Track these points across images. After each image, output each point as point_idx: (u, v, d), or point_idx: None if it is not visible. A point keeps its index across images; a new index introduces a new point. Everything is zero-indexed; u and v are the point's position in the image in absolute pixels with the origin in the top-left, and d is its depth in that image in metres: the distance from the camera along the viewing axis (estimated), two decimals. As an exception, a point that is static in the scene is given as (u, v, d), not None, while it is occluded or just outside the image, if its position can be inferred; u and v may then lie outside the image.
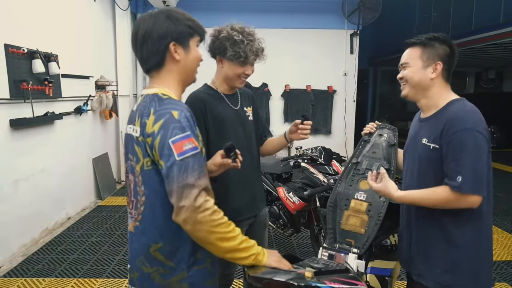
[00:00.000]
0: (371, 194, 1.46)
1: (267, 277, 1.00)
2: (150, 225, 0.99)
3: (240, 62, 1.46)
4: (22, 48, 2.86)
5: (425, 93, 1.30)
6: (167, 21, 1.01)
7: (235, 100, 1.59)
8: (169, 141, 0.90)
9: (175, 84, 1.05)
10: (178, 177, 0.89)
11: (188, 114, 0.96)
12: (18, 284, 2.50)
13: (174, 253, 0.99)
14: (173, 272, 0.99)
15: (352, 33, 5.94)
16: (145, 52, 1.01)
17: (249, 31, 1.48)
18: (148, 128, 0.93)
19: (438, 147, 1.21)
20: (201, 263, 1.02)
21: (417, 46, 1.30)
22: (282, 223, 2.96)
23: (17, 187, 2.93)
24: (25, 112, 2.94)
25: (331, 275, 1.13)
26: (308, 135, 1.57)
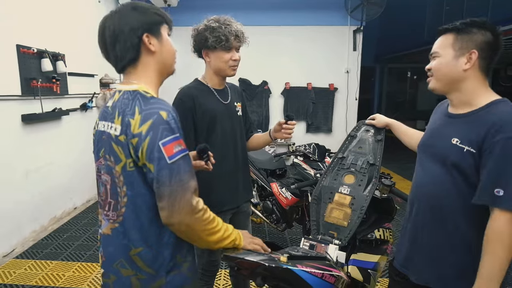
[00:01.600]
0: (355, 188, 1.49)
1: (240, 257, 1.04)
2: (131, 227, 0.95)
3: (223, 46, 1.48)
4: (32, 48, 3.03)
5: (457, 86, 1.14)
6: (135, 13, 0.96)
7: (225, 95, 1.62)
8: (159, 143, 0.87)
9: (153, 78, 1.00)
10: (170, 180, 0.87)
11: (175, 114, 0.92)
12: (29, 265, 2.72)
13: (154, 258, 0.96)
14: (153, 279, 0.96)
15: (355, 29, 5.79)
16: (118, 49, 0.95)
17: (226, 18, 1.51)
18: (134, 128, 0.88)
19: (474, 152, 1.06)
20: (178, 267, 1.00)
21: (450, 33, 1.13)
22: (275, 218, 3.02)
23: (28, 178, 3.13)
24: (35, 108, 3.13)
25: (307, 261, 1.14)
26: (291, 136, 1.60)
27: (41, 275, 2.58)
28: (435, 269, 1.19)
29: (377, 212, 1.66)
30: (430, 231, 1.21)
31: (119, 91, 0.98)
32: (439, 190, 1.16)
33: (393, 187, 1.69)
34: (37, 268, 2.68)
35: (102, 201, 1.02)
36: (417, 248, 1.25)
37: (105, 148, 0.97)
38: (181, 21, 4.22)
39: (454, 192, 1.13)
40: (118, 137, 0.92)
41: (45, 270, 2.65)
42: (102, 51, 1.01)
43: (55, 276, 2.59)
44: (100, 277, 2.56)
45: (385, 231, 1.71)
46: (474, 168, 1.07)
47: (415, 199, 1.27)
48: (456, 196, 1.13)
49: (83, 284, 2.51)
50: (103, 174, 0.99)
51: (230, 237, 1.02)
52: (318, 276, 1.09)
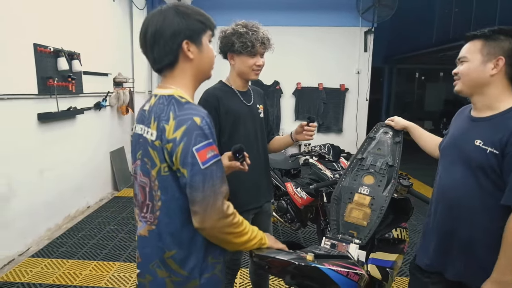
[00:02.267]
0: (374, 189, 1.51)
1: (271, 256, 1.07)
2: (165, 231, 0.96)
3: (248, 52, 1.53)
4: (49, 47, 3.05)
5: (482, 90, 1.18)
6: (178, 17, 0.95)
7: (248, 97, 1.67)
8: (193, 149, 0.87)
9: (189, 84, 1.00)
10: (203, 186, 0.88)
11: (209, 120, 0.92)
12: (45, 264, 2.72)
13: (186, 261, 0.97)
14: (186, 280, 0.98)
15: (367, 30, 5.81)
16: (156, 52, 0.96)
17: (253, 24, 1.56)
18: (169, 134, 0.89)
19: (497, 153, 1.10)
20: (210, 270, 1.00)
21: (478, 39, 1.17)
22: (290, 218, 3.02)
23: (43, 176, 3.15)
24: (51, 106, 3.15)
25: (331, 259, 1.18)
26: (313, 137, 1.63)
27: (57, 274, 2.59)
28: (464, 265, 1.23)
29: (394, 212, 1.68)
30: (459, 231, 1.23)
31: (155, 96, 0.99)
32: (464, 191, 1.19)
33: (411, 187, 1.71)
34: (54, 267, 2.69)
35: (140, 203, 1.03)
36: (443, 246, 1.28)
37: (142, 151, 0.98)
38: None
39: (479, 193, 1.16)
40: (154, 142, 0.93)
41: (61, 269, 2.66)
42: (141, 48, 1.01)
43: (72, 274, 2.59)
44: (117, 276, 2.58)
45: (402, 230, 1.74)
46: (498, 168, 1.11)
47: (440, 201, 1.29)
48: (482, 196, 1.16)
49: (100, 282, 2.51)
50: (141, 176, 1.01)
51: (256, 237, 1.03)
52: (343, 275, 1.12)
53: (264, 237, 1.07)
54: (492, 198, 1.14)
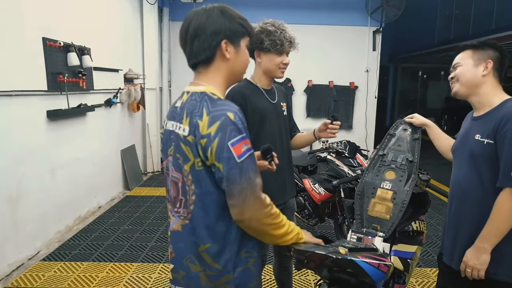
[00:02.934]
0: (396, 184, 1.57)
1: (311, 250, 1.10)
2: (200, 224, 0.98)
3: (277, 50, 1.56)
4: (59, 42, 2.98)
5: (476, 90, 1.34)
6: (221, 17, 0.99)
7: (272, 95, 1.70)
8: (228, 143, 0.90)
9: (221, 82, 1.03)
10: (240, 178, 0.90)
11: (241, 115, 0.95)
12: (58, 267, 2.65)
13: (221, 254, 0.99)
14: (220, 274, 0.99)
15: (375, 30, 5.93)
16: (195, 46, 0.99)
17: (280, 23, 1.60)
18: (203, 129, 0.92)
19: (492, 142, 1.24)
20: (244, 263, 1.02)
21: (468, 49, 1.37)
22: (307, 213, 3.05)
23: (54, 176, 3.08)
24: (61, 103, 3.09)
25: (362, 252, 1.23)
26: (336, 135, 1.68)
27: (72, 277, 2.51)
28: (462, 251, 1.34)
29: (413, 205, 1.75)
30: (468, 223, 1.35)
31: (187, 92, 1.02)
32: (471, 184, 1.32)
33: (429, 181, 1.80)
34: (68, 270, 2.61)
35: (172, 198, 1.06)
36: (458, 240, 1.40)
37: (174, 147, 1.01)
38: None
39: (482, 185, 1.29)
40: (187, 137, 0.95)
41: (76, 272, 2.58)
42: (181, 42, 1.04)
43: (88, 277, 2.52)
44: (136, 277, 2.50)
45: (420, 223, 1.82)
46: (494, 157, 1.24)
47: (453, 196, 1.42)
48: (484, 188, 1.29)
49: (119, 284, 2.45)
50: (173, 172, 1.03)
51: (293, 231, 1.05)
52: (375, 266, 1.17)
53: (301, 232, 1.09)
54: (494, 188, 1.25)
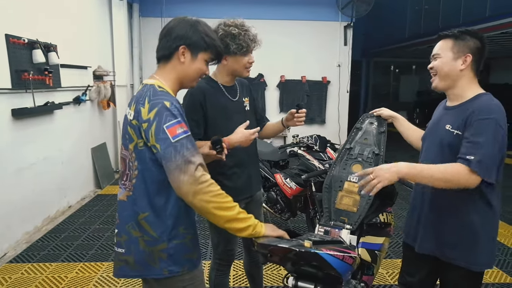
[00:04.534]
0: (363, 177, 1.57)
1: (273, 244, 1.13)
2: (141, 195, 1.12)
3: (243, 52, 1.57)
4: (23, 38, 2.87)
5: (454, 83, 1.36)
6: (189, 28, 1.16)
7: (234, 92, 1.71)
8: (164, 126, 1.04)
9: (172, 80, 1.18)
10: (175, 156, 1.02)
11: (178, 105, 1.10)
12: (26, 269, 2.58)
13: (158, 224, 1.12)
14: (156, 242, 1.12)
15: (346, 25, 6.02)
16: (162, 43, 1.18)
17: (241, 23, 1.58)
18: (144, 115, 1.07)
19: (461, 134, 1.28)
20: (181, 237, 1.15)
21: (449, 38, 1.36)
22: (280, 208, 3.07)
23: (20, 176, 2.98)
24: (26, 101, 2.98)
25: (327, 245, 1.25)
26: (303, 122, 1.71)
27: (40, 279, 2.46)
28: (435, 240, 1.40)
29: (380, 197, 1.76)
30: (431, 206, 1.40)
31: (143, 84, 1.19)
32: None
33: None
34: (35, 271, 2.56)
35: (121, 172, 1.20)
36: (421, 222, 1.45)
37: (124, 129, 1.17)
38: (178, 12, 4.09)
39: None
40: (132, 121, 1.11)
41: (44, 273, 2.53)
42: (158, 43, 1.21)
43: (57, 278, 2.48)
44: (106, 276, 2.51)
45: (388, 214, 1.84)
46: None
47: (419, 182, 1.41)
48: None
49: (88, 284, 2.42)
50: (122, 150, 1.19)
51: (246, 221, 1.11)
52: (339, 258, 1.18)
53: (259, 226, 1.14)
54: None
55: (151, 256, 1.13)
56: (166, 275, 1.14)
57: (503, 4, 5.41)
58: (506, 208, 3.90)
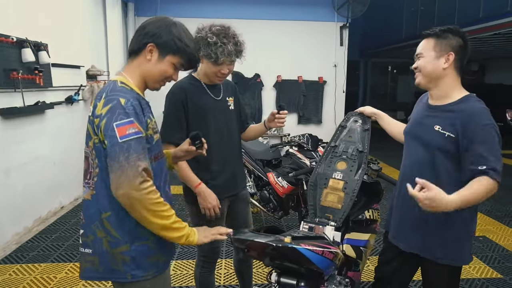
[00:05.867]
0: (347, 174, 1.62)
1: (250, 239, 1.13)
2: (102, 194, 1.09)
3: (212, 62, 1.52)
4: (11, 37, 2.86)
5: (437, 82, 1.36)
6: (163, 28, 1.12)
7: (217, 91, 1.69)
8: (113, 124, 1.01)
9: (137, 76, 1.14)
10: (119, 156, 0.99)
11: (136, 103, 1.06)
12: (14, 270, 2.55)
13: (120, 224, 1.08)
14: (118, 243, 1.08)
15: (342, 25, 6.06)
16: (134, 37, 1.16)
17: (226, 33, 1.51)
18: (98, 110, 1.04)
19: (454, 136, 1.29)
20: (144, 239, 1.10)
21: (431, 37, 1.36)
22: (272, 207, 3.09)
23: (10, 176, 2.95)
24: (16, 101, 2.96)
25: (308, 240, 1.25)
26: (284, 124, 1.70)
27: (29, 279, 2.44)
28: (420, 239, 1.41)
29: (366, 195, 1.81)
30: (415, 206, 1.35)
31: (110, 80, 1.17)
32: (423, 170, 1.37)
33: (380, 171, 1.84)
34: (24, 272, 2.53)
35: (84, 171, 1.17)
36: (405, 221, 1.46)
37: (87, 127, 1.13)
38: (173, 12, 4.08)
39: (435, 171, 1.35)
40: (90, 117, 1.09)
41: (33, 274, 2.51)
42: None
43: (45, 279, 2.45)
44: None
45: (373, 211, 1.87)
46: (455, 149, 1.30)
47: (404, 179, 1.45)
48: (437, 174, 1.34)
49: (78, 284, 2.40)
50: (86, 147, 1.15)
51: (180, 231, 1.10)
52: (319, 253, 1.20)
53: (193, 234, 1.14)
54: (446, 176, 1.33)
55: (114, 258, 1.10)
56: (129, 279, 1.10)
57: (496, 5, 5.49)
58: (495, 205, 3.98)
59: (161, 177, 1.18)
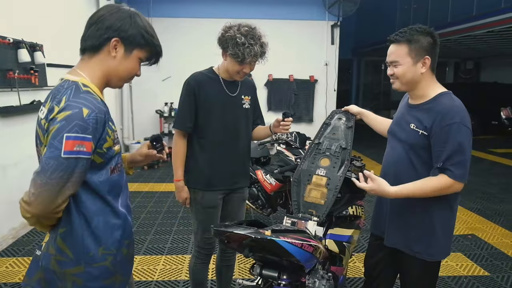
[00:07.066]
0: (330, 170, 1.64)
1: (229, 230, 1.17)
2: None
3: (238, 61, 1.59)
4: (8, 38, 2.93)
5: (415, 85, 1.39)
6: (127, 19, 0.99)
7: (233, 88, 1.73)
8: (64, 134, 0.86)
9: (99, 76, 1.00)
10: (53, 173, 0.86)
11: (101, 116, 0.92)
12: (11, 263, 2.65)
13: (74, 242, 0.96)
14: (70, 263, 0.96)
15: (333, 24, 6.06)
16: (90, 31, 0.99)
17: (254, 34, 1.57)
18: (53, 114, 0.89)
19: (426, 134, 1.32)
20: (100, 260, 0.98)
21: (403, 43, 1.34)
22: (261, 204, 3.15)
23: (6, 173, 3.04)
24: (12, 100, 3.03)
25: (287, 233, 1.28)
26: (288, 130, 1.76)
27: (24, 272, 2.50)
28: (400, 233, 1.45)
29: (350, 191, 1.82)
30: (395, 201, 1.44)
31: (61, 79, 1.00)
32: (401, 166, 1.42)
33: (364, 168, 1.85)
34: (20, 265, 2.62)
35: None
36: (384, 214, 1.49)
37: (36, 131, 0.99)
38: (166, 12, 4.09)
39: (411, 168, 1.39)
40: (42, 120, 0.94)
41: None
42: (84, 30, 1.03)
43: (41, 270, 2.54)
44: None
45: (357, 208, 1.88)
46: (427, 146, 1.33)
47: (385, 174, 1.49)
48: (413, 170, 1.38)
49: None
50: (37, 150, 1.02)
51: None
52: (298, 246, 1.21)
53: None
54: (420, 172, 1.36)
55: (64, 279, 0.96)
56: None
57: (489, 2, 5.49)
58: (486, 204, 4.04)
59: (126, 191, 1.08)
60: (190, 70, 1.80)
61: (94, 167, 0.96)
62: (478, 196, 4.29)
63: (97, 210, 0.98)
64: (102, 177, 0.98)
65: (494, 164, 6.14)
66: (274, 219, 3.51)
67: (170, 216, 3.62)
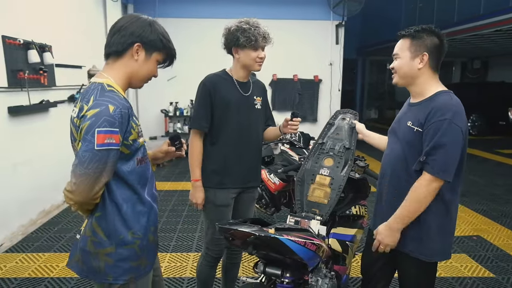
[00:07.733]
0: (333, 170, 1.65)
1: (234, 228, 1.19)
2: None
3: (252, 46, 1.64)
4: (18, 39, 3.00)
5: (413, 81, 1.39)
6: (147, 26, 1.12)
7: (246, 88, 1.78)
8: (95, 129, 0.98)
9: (122, 77, 1.12)
10: (88, 164, 0.97)
11: (125, 111, 1.03)
12: (20, 258, 2.71)
13: (107, 225, 1.08)
14: (103, 244, 1.08)
15: (338, 24, 6.05)
16: (113, 39, 1.11)
17: (254, 20, 1.70)
18: (84, 112, 1.01)
19: (420, 131, 1.32)
20: (130, 243, 1.11)
21: (406, 38, 1.38)
22: (265, 203, 3.16)
23: (16, 171, 3.11)
24: (22, 100, 3.10)
25: (291, 232, 1.29)
26: (296, 130, 1.79)
27: (33, 267, 2.59)
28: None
29: (353, 191, 1.83)
30: (390, 199, 1.45)
31: (90, 82, 1.13)
32: (397, 164, 1.42)
33: (367, 168, 1.84)
34: (29, 260, 2.69)
35: None
36: (383, 214, 1.47)
37: (71, 129, 1.12)
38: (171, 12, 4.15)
39: (406, 165, 1.38)
40: (74, 119, 1.07)
41: (37, 262, 2.66)
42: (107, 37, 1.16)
43: (49, 267, 2.60)
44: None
45: (360, 207, 1.88)
46: (421, 144, 1.33)
47: (384, 173, 1.51)
48: (407, 168, 1.38)
49: (79, 272, 2.54)
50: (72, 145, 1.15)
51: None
52: (301, 244, 1.22)
53: None
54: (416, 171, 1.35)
55: (98, 259, 1.09)
56: (110, 281, 1.11)
57: (496, 1, 5.42)
58: (491, 205, 4.00)
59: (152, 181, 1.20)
60: (195, 70, 1.84)
61: (122, 158, 1.08)
62: (483, 197, 4.26)
63: (126, 198, 1.10)
64: (130, 167, 1.10)
65: (500, 165, 6.08)
66: (277, 218, 3.52)
67: (174, 215, 3.66)
